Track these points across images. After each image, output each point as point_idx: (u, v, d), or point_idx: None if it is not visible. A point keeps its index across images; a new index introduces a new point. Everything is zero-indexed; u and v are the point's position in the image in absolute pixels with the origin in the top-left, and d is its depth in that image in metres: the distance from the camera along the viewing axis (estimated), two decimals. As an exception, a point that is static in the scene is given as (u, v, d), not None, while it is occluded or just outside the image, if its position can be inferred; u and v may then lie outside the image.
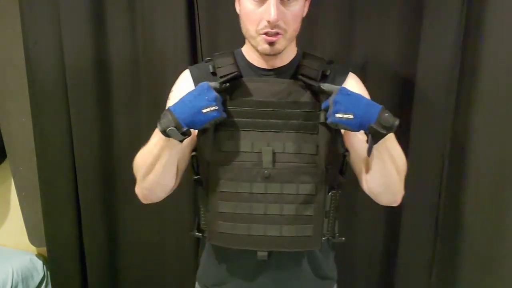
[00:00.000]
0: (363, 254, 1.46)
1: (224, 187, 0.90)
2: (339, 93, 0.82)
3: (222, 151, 0.90)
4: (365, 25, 1.28)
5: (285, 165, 0.89)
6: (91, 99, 1.49)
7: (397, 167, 0.87)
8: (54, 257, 1.71)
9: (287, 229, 0.90)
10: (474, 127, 1.25)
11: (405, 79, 1.30)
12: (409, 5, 1.24)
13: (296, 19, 0.88)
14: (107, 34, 1.45)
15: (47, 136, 1.56)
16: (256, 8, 0.85)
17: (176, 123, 0.82)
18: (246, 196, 0.89)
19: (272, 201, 0.89)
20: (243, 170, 0.89)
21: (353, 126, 0.82)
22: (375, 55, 1.30)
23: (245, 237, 0.90)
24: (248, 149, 0.89)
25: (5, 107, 1.67)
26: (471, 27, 1.20)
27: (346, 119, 0.81)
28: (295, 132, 0.89)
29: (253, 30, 0.87)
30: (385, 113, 0.81)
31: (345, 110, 0.81)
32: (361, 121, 0.81)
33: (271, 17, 0.82)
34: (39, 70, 1.50)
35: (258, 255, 0.91)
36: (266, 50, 0.87)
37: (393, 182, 0.89)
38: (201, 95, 0.83)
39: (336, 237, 0.99)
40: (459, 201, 1.30)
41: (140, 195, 0.96)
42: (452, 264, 1.35)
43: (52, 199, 1.61)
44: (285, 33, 0.86)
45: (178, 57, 1.38)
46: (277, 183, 0.89)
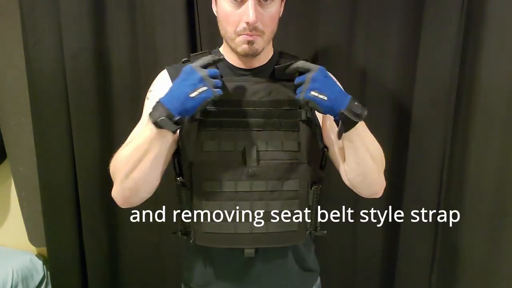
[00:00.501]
0: (363, 254, 1.46)
1: (208, 187, 0.90)
2: (319, 72, 0.83)
3: (205, 151, 0.90)
4: (365, 26, 1.28)
5: (269, 163, 0.90)
6: (91, 99, 1.49)
7: (372, 155, 0.88)
8: (54, 257, 1.71)
9: (273, 225, 0.90)
10: (474, 127, 1.25)
11: (405, 79, 1.30)
12: (409, 5, 1.24)
13: (273, 20, 0.89)
14: (107, 34, 1.45)
15: (47, 136, 1.56)
16: (234, 10, 0.85)
17: (168, 113, 0.81)
18: (231, 195, 0.90)
19: (257, 198, 0.90)
20: (227, 169, 0.89)
21: (324, 108, 0.83)
22: (375, 56, 1.30)
23: (232, 236, 0.91)
24: (231, 148, 0.90)
25: (5, 107, 1.67)
26: (471, 27, 1.21)
27: (320, 99, 0.82)
28: (276, 130, 0.90)
29: (231, 31, 0.87)
30: (355, 102, 0.84)
31: (321, 90, 0.82)
32: (332, 105, 0.82)
33: (250, 19, 0.83)
34: (39, 70, 1.50)
35: (246, 253, 0.92)
36: (245, 50, 0.87)
37: (369, 171, 0.90)
38: (186, 80, 0.82)
39: (318, 230, 1.00)
40: (459, 200, 1.30)
41: (120, 198, 0.91)
42: (452, 264, 1.35)
43: (52, 199, 1.61)
44: (263, 34, 0.87)
45: (178, 58, 1.38)
46: (262, 181, 0.90)
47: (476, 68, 1.21)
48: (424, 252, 1.38)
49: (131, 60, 1.46)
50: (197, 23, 1.38)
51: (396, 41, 1.28)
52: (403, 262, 1.42)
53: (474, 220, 1.29)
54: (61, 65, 1.48)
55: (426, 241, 1.37)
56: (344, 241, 1.45)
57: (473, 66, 1.22)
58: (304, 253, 1.01)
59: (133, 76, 1.47)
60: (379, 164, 0.91)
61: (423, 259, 1.38)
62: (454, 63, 1.24)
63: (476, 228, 1.29)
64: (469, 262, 1.32)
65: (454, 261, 1.35)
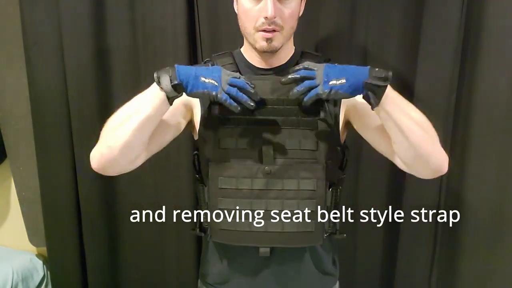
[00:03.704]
0: (363, 254, 1.46)
1: (225, 184, 0.91)
2: (326, 66, 0.82)
3: (222, 148, 0.91)
4: (365, 26, 1.28)
5: (286, 161, 0.89)
6: (91, 98, 1.48)
7: (417, 122, 0.81)
8: (54, 257, 1.71)
9: (289, 225, 0.90)
10: (474, 127, 1.25)
11: (405, 79, 1.30)
12: (409, 6, 1.24)
13: (293, 16, 0.89)
14: (107, 34, 1.45)
15: (47, 136, 1.56)
16: (253, 6, 0.86)
17: (173, 74, 0.81)
18: (246, 193, 0.90)
19: (273, 197, 0.90)
20: (244, 167, 0.90)
21: (347, 90, 0.79)
22: (375, 56, 1.30)
23: (247, 234, 0.91)
24: (248, 146, 0.90)
25: (5, 107, 1.67)
26: (471, 27, 1.21)
27: (340, 84, 0.79)
28: (295, 128, 0.90)
29: (250, 27, 0.88)
30: (375, 68, 0.80)
31: (337, 76, 0.80)
32: (353, 83, 0.79)
33: (268, 14, 0.83)
34: (39, 70, 1.50)
35: (260, 252, 0.93)
36: (264, 47, 0.88)
37: (420, 140, 0.81)
38: (208, 69, 0.84)
39: (338, 233, 1.00)
40: (459, 201, 1.30)
41: (97, 156, 0.86)
42: (452, 264, 1.35)
43: (52, 199, 1.61)
44: (282, 30, 0.87)
45: (178, 58, 1.38)
46: (278, 179, 0.89)
47: (476, 68, 1.21)
48: (424, 252, 1.38)
49: (131, 60, 1.46)
50: (197, 23, 1.38)
51: (396, 41, 1.28)
52: (403, 262, 1.42)
53: (474, 220, 1.29)
54: (61, 65, 1.48)
55: (426, 241, 1.37)
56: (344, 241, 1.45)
57: (473, 66, 1.22)
58: (322, 255, 1.00)
59: (133, 75, 1.47)
60: (430, 132, 0.83)
61: (423, 259, 1.38)
62: (454, 63, 1.24)
63: (476, 228, 1.29)
64: (469, 262, 1.32)
65: (454, 261, 1.35)
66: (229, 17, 1.30)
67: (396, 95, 0.82)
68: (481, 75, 1.21)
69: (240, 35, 0.95)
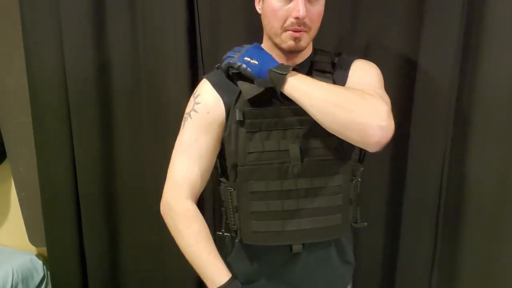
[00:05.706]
0: (363, 254, 1.46)
1: (255, 187, 0.93)
2: (251, 47, 0.94)
3: (249, 152, 0.92)
4: (366, 27, 1.28)
5: (313, 160, 0.92)
6: (91, 98, 1.49)
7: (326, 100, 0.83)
8: (54, 257, 1.71)
9: (319, 221, 0.94)
10: (474, 127, 1.25)
11: (405, 79, 1.29)
12: (410, 6, 1.24)
13: (319, 17, 0.91)
14: (107, 34, 1.45)
15: (47, 136, 1.56)
16: (283, 6, 0.87)
17: None
18: (277, 194, 0.92)
19: (303, 195, 0.92)
20: (272, 169, 0.92)
21: (254, 70, 0.90)
22: (375, 56, 1.30)
23: (280, 234, 0.93)
24: (275, 148, 0.92)
25: (5, 107, 1.67)
26: (471, 27, 1.21)
27: (252, 63, 0.90)
28: (318, 127, 0.89)
29: (278, 27, 0.89)
30: (287, 66, 0.89)
31: (253, 57, 0.91)
32: (263, 67, 0.89)
33: (300, 14, 0.85)
34: (39, 70, 1.50)
35: (294, 249, 0.95)
36: (291, 46, 0.90)
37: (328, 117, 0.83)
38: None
39: (359, 222, 1.02)
40: (459, 201, 1.30)
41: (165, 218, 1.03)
42: (452, 264, 1.35)
43: (52, 199, 1.61)
44: (309, 30, 0.90)
45: (178, 58, 1.38)
46: (306, 178, 0.92)
47: (476, 68, 1.21)
48: (424, 252, 1.38)
49: (131, 60, 1.46)
50: (197, 23, 1.38)
51: (396, 41, 1.28)
52: (403, 262, 1.42)
53: (474, 220, 1.29)
54: (61, 65, 1.48)
55: (426, 241, 1.37)
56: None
57: (473, 66, 1.22)
58: (345, 245, 1.04)
59: (133, 75, 1.47)
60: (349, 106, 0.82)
61: (423, 259, 1.38)
62: (454, 63, 1.24)
63: (476, 228, 1.29)
64: (469, 262, 1.32)
65: (454, 261, 1.35)
66: (229, 17, 1.31)
67: (299, 82, 0.87)
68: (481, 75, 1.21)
69: (240, 35, 0.96)
